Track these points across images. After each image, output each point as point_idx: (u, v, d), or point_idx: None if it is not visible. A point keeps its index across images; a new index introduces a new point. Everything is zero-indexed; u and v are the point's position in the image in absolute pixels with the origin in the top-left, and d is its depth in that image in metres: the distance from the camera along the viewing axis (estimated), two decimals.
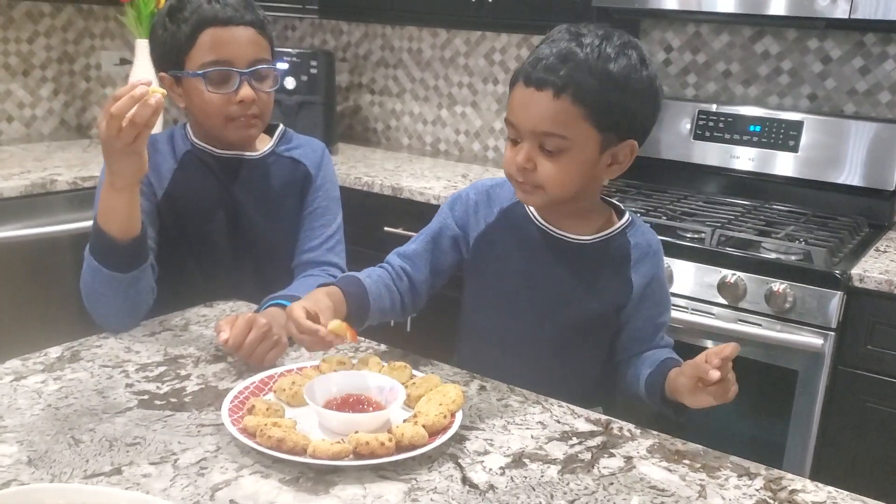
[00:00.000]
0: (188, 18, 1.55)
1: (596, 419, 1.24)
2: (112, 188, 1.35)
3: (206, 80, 1.56)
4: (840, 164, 2.57)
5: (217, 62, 1.56)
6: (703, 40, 2.85)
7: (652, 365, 1.36)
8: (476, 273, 1.45)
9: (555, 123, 1.23)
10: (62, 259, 2.53)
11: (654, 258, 1.41)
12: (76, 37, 3.25)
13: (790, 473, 1.12)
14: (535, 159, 1.26)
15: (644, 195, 2.69)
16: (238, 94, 1.57)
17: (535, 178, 1.27)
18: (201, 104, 1.59)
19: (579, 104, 1.22)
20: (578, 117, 1.22)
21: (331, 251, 1.72)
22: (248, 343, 1.32)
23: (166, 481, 1.00)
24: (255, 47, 1.59)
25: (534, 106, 1.23)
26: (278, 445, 1.04)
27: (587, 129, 1.24)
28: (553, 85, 1.21)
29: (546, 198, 1.30)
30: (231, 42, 1.56)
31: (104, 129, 1.25)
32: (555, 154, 1.25)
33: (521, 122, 1.25)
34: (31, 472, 1.00)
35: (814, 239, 2.24)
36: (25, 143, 3.04)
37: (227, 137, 1.63)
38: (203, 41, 1.55)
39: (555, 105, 1.22)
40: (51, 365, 1.30)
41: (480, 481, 1.05)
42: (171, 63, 1.59)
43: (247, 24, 1.58)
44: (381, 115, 3.63)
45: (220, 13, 1.56)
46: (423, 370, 1.34)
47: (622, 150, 1.29)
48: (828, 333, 2.06)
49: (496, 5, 2.80)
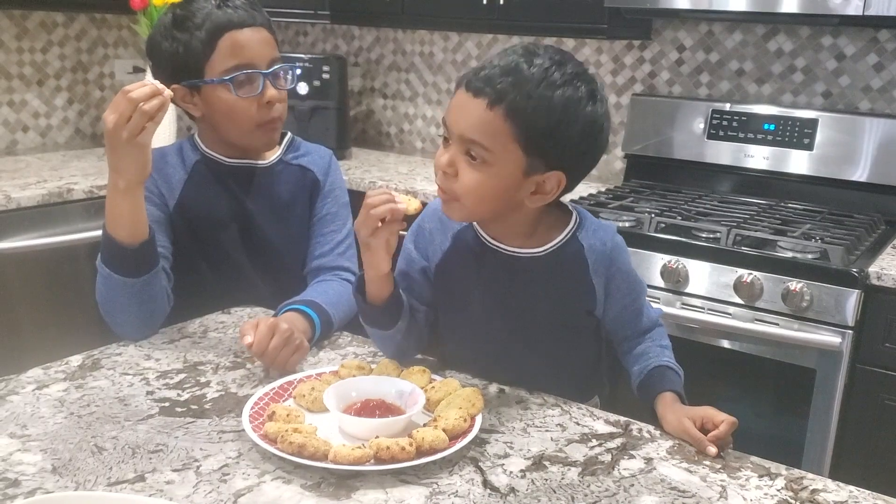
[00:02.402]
0: (201, 25, 1.54)
1: (615, 421, 1.24)
2: (117, 191, 1.37)
3: (233, 84, 1.55)
4: (856, 162, 2.56)
5: (240, 66, 1.55)
6: (715, 39, 2.85)
7: (641, 373, 1.36)
8: (442, 304, 1.43)
9: (482, 133, 1.19)
10: (79, 267, 2.55)
11: (611, 254, 1.35)
12: (90, 46, 3.27)
13: (811, 473, 1.12)
14: (458, 165, 1.22)
15: (658, 195, 2.68)
16: (265, 96, 1.57)
17: (454, 187, 1.23)
18: (228, 111, 1.57)
19: (510, 121, 1.17)
20: (507, 134, 1.18)
21: (342, 256, 1.72)
22: (272, 349, 1.32)
23: (189, 488, 1.01)
24: (270, 48, 1.60)
25: (467, 111, 1.20)
26: (299, 451, 1.04)
27: (513, 148, 1.19)
28: (488, 95, 1.18)
29: (464, 210, 1.26)
30: (250, 44, 1.56)
31: (112, 119, 1.28)
32: (477, 164, 1.21)
33: (452, 125, 1.22)
34: (55, 480, 1.01)
35: (830, 237, 2.23)
36: (41, 153, 3.06)
37: (253, 143, 1.64)
38: (223, 47, 1.55)
39: (486, 115, 1.18)
40: (72, 373, 1.31)
41: (501, 484, 1.05)
42: (186, 73, 1.57)
43: (259, 24, 1.59)
44: (394, 119, 3.64)
45: (234, 17, 1.55)
46: (441, 374, 1.34)
47: (548, 180, 1.23)
48: (845, 332, 2.05)
49: (507, 8, 2.80)
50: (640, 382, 1.36)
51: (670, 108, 2.85)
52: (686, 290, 2.23)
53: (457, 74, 3.40)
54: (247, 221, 1.68)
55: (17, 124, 3.11)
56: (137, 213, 1.40)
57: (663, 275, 2.24)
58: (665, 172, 2.86)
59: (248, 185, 1.69)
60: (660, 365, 1.36)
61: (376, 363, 1.33)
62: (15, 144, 3.11)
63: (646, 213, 2.37)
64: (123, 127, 1.27)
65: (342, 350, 1.47)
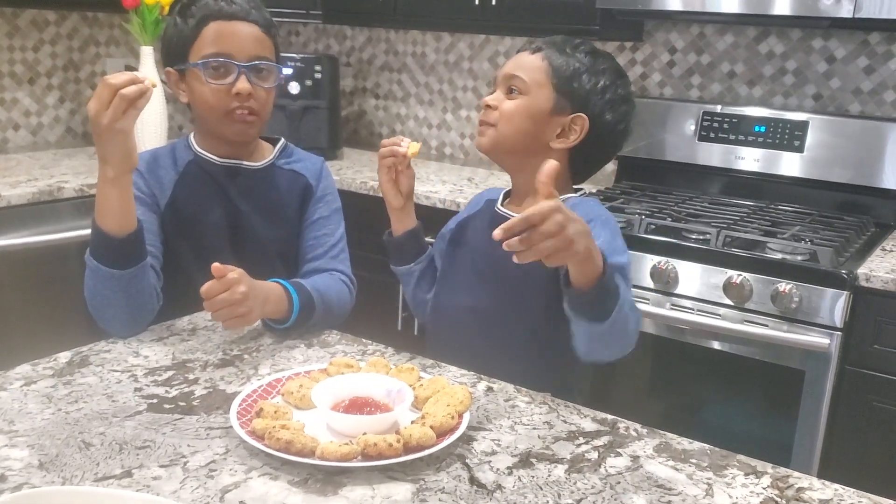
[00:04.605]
0: (195, 14, 1.60)
1: (602, 419, 1.24)
2: (105, 181, 1.38)
3: (204, 70, 1.59)
4: (846, 164, 2.57)
5: (218, 54, 1.59)
6: (707, 41, 2.86)
7: None
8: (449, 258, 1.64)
9: (523, 70, 1.50)
10: (69, 266, 2.54)
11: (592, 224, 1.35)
12: (81, 44, 3.27)
13: (797, 472, 1.12)
14: (500, 100, 1.51)
15: (649, 196, 2.69)
16: (235, 87, 1.59)
17: (493, 115, 1.50)
18: (201, 96, 1.61)
19: (546, 62, 1.49)
20: (542, 71, 1.49)
21: (335, 259, 1.73)
22: (218, 301, 1.36)
23: (176, 483, 1.01)
24: (256, 44, 1.62)
25: (517, 60, 1.53)
26: (287, 447, 1.05)
27: (546, 85, 1.49)
28: (536, 47, 1.53)
29: (494, 135, 1.51)
30: (233, 36, 1.59)
31: (93, 106, 1.30)
32: (514, 95, 1.50)
33: (503, 70, 1.54)
34: (42, 476, 1.01)
35: (820, 239, 2.24)
36: (32, 151, 3.05)
37: (225, 132, 1.65)
38: (206, 34, 1.59)
39: (529, 58, 1.51)
40: (60, 370, 1.31)
41: (488, 481, 1.05)
42: (176, 58, 1.63)
43: (251, 21, 1.61)
44: (386, 120, 3.64)
45: (226, 8, 1.60)
46: (430, 372, 1.34)
47: (573, 122, 1.49)
48: (834, 333, 2.06)
49: (500, 8, 2.81)
50: None
51: (662, 109, 2.86)
52: (676, 292, 2.23)
53: (448, 75, 3.41)
54: (237, 221, 1.69)
55: (8, 122, 3.10)
56: (125, 204, 1.41)
57: (653, 276, 2.24)
58: (656, 174, 2.87)
59: (240, 185, 1.69)
60: None
61: (365, 361, 1.33)
62: (6, 143, 3.10)
63: (636, 215, 2.37)
64: (103, 113, 1.29)
65: (331, 348, 1.47)
